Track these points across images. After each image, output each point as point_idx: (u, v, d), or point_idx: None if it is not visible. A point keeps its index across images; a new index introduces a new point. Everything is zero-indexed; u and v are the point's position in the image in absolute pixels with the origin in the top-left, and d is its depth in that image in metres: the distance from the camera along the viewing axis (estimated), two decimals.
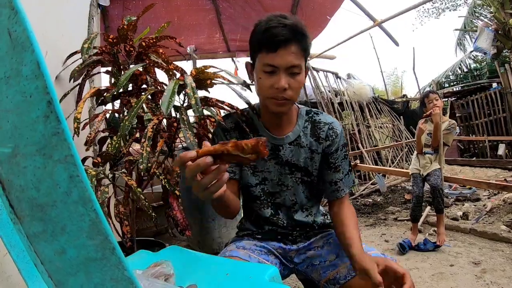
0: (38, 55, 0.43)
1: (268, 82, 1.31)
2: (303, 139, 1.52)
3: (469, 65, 16.10)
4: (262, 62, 1.31)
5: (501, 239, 3.89)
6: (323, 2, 5.30)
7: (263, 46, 1.30)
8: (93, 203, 0.50)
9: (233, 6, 5.51)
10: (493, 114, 10.87)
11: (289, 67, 1.29)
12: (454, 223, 4.49)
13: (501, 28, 10.33)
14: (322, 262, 1.51)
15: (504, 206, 4.82)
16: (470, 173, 8.31)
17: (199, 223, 3.39)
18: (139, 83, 2.15)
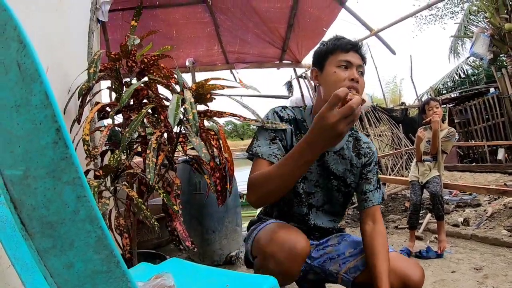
0: (46, 86, 0.48)
1: (343, 74, 1.50)
2: (346, 151, 1.67)
3: (466, 71, 16.16)
4: (336, 59, 1.53)
5: (502, 244, 3.89)
6: (319, 14, 5.36)
7: (337, 48, 1.54)
8: (99, 221, 0.56)
9: (231, 19, 5.57)
10: (492, 119, 10.88)
11: (358, 65, 1.54)
12: (455, 230, 4.50)
13: (497, 33, 10.42)
14: (342, 254, 1.61)
15: (504, 211, 4.81)
16: (471, 178, 8.31)
17: (200, 235, 3.41)
18: (140, 97, 2.20)
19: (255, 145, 1.55)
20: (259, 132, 1.59)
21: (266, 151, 1.51)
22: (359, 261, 1.54)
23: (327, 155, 1.63)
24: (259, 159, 1.51)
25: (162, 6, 5.21)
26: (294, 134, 1.62)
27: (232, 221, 3.50)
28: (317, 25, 5.60)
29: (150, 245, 3.77)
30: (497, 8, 10.42)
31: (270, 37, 5.94)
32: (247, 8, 5.29)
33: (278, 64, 6.71)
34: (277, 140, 1.56)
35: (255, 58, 6.56)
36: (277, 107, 1.68)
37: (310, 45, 6.12)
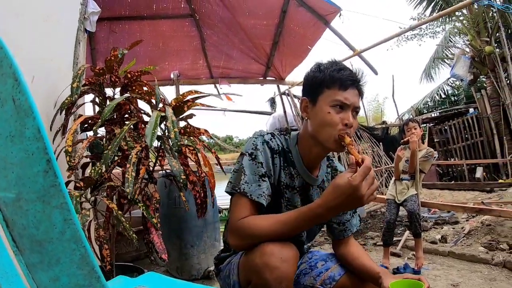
0: (38, 122, 0.54)
1: (337, 117, 1.36)
2: (326, 184, 1.62)
3: (447, 91, 16.56)
4: (332, 97, 1.38)
5: (479, 261, 3.96)
6: (304, 33, 5.46)
7: (336, 82, 1.38)
8: (83, 241, 0.63)
9: (217, 34, 5.64)
10: (471, 139, 11.19)
11: (355, 106, 1.41)
12: (433, 246, 4.56)
13: (477, 56, 10.75)
14: (314, 267, 1.60)
15: (482, 228, 4.87)
16: (449, 196, 8.39)
17: (178, 249, 3.41)
18: (122, 112, 2.24)
19: (243, 182, 1.38)
20: (247, 164, 1.42)
21: (255, 190, 1.37)
22: (333, 271, 1.55)
23: (311, 189, 1.56)
24: (244, 197, 1.36)
25: (150, 18, 5.27)
26: (283, 167, 1.50)
27: (211, 236, 3.52)
28: (302, 43, 5.71)
29: (129, 257, 3.76)
30: (478, 31, 10.77)
31: (255, 54, 6.03)
32: (234, 24, 5.38)
33: (262, 80, 6.80)
34: (266, 177, 1.41)
35: (239, 74, 6.63)
36: (265, 134, 1.51)
37: (294, 62, 6.22)
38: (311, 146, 1.48)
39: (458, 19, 12.09)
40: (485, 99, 10.84)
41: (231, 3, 5.06)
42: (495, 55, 10.21)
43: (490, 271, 3.70)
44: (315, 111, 1.42)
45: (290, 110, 8.28)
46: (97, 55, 5.44)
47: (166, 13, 5.27)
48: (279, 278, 1.22)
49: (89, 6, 3.08)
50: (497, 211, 4.12)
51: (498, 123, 10.50)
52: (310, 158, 1.51)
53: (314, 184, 1.56)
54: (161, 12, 5.24)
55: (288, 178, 1.50)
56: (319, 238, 5.29)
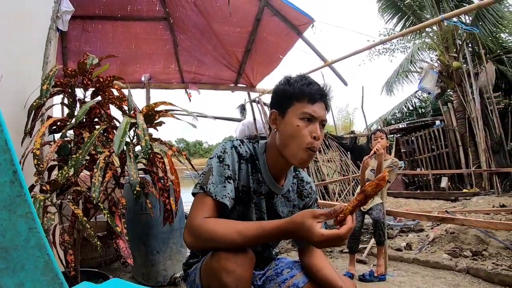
0: (6, 134, 0.56)
1: (306, 130, 1.42)
2: (291, 193, 1.66)
3: (415, 103, 17.03)
4: (301, 110, 1.43)
5: (443, 267, 4.08)
6: (277, 42, 5.52)
7: (305, 96, 1.44)
8: (47, 248, 0.66)
9: (190, 39, 5.63)
10: (436, 150, 11.53)
11: (322, 120, 1.47)
12: (398, 254, 4.66)
13: (445, 70, 11.11)
14: (280, 274, 1.62)
15: (446, 236, 5.00)
16: (415, 205, 8.57)
17: (144, 255, 3.39)
18: (92, 116, 2.22)
19: (210, 182, 1.40)
20: (215, 165, 1.45)
21: (220, 191, 1.39)
22: (298, 279, 1.57)
23: (276, 197, 1.60)
24: (208, 197, 1.38)
25: (123, 19, 5.21)
26: (251, 173, 1.53)
27: (177, 242, 3.50)
28: (274, 52, 5.79)
29: (95, 263, 3.69)
30: (447, 47, 11.14)
31: (227, 60, 6.06)
32: (207, 30, 5.39)
33: (232, 87, 6.84)
34: (231, 180, 1.44)
35: (210, 80, 6.65)
36: (235, 140, 1.55)
37: (266, 70, 6.29)
38: (278, 157, 1.51)
39: (428, 35, 12.45)
40: (451, 112, 11.20)
41: (206, 9, 5.07)
42: (462, 70, 10.57)
43: (454, 277, 3.81)
44: (284, 123, 1.46)
45: (259, 117, 8.31)
46: (69, 53, 5.34)
47: (140, 15, 5.23)
48: (236, 281, 1.25)
49: (62, 5, 3.03)
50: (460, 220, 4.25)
51: (463, 135, 10.83)
52: (276, 167, 1.55)
53: (279, 193, 1.60)
54: (135, 14, 5.20)
55: (256, 184, 1.54)
56: (286, 245, 5.32)
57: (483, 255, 4.29)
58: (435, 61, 12.52)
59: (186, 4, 5.10)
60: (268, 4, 4.97)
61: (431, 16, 11.20)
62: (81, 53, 5.13)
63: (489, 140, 10.20)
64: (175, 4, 5.14)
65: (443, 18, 4.54)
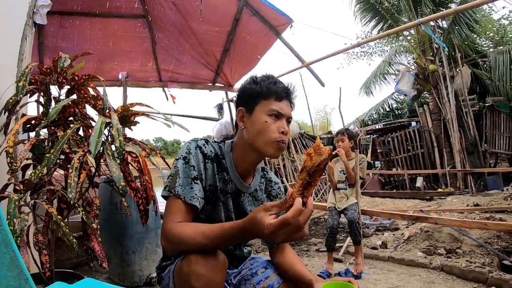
0: None
1: (274, 125, 1.47)
2: (258, 193, 1.68)
3: (391, 105, 17.32)
4: (269, 107, 1.49)
5: (417, 265, 4.16)
6: (255, 42, 5.53)
7: (272, 94, 1.50)
8: (13, 245, 0.68)
9: (168, 38, 5.59)
10: (412, 150, 11.76)
11: (288, 116, 1.53)
12: (373, 252, 4.74)
13: (422, 73, 11.35)
14: (255, 275, 1.63)
15: (420, 234, 5.10)
16: (391, 204, 8.71)
17: (120, 256, 3.35)
18: (67, 114, 2.19)
19: (177, 184, 1.41)
20: (181, 167, 1.46)
21: (188, 192, 1.41)
22: (272, 280, 1.59)
23: (243, 196, 1.62)
24: (178, 200, 1.39)
25: (102, 16, 5.13)
26: (217, 172, 1.55)
27: (153, 242, 3.48)
28: (252, 52, 5.79)
29: (70, 263, 3.64)
30: (424, 50, 11.38)
31: (205, 59, 6.03)
32: (185, 29, 5.36)
33: (210, 86, 6.80)
34: (198, 180, 1.45)
35: (188, 79, 6.60)
36: (199, 140, 1.56)
37: (244, 70, 6.28)
38: (245, 153, 1.55)
39: (406, 39, 12.70)
40: (427, 114, 11.46)
41: (185, 8, 5.04)
42: (438, 73, 10.82)
43: (429, 274, 3.89)
44: (252, 120, 1.51)
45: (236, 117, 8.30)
46: (45, 50, 5.23)
47: (118, 12, 5.15)
48: (206, 285, 1.26)
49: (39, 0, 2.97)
50: (434, 219, 4.34)
51: (438, 136, 11.09)
52: (243, 165, 1.57)
53: (246, 191, 1.62)
54: (113, 11, 5.12)
55: (222, 183, 1.55)
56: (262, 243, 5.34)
57: (457, 253, 4.40)
58: (412, 64, 12.78)
59: (164, 3, 5.06)
60: (247, 4, 4.97)
61: (408, 19, 11.42)
62: (58, 49, 5.09)
63: (463, 141, 10.48)
64: (153, 2, 5.10)
65: (420, 22, 4.63)
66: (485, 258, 4.20)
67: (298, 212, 1.09)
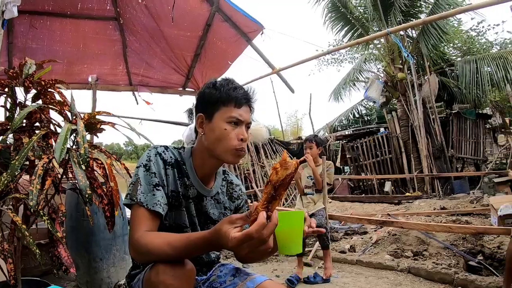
0: None
1: (234, 133, 1.48)
2: (220, 195, 1.69)
3: (361, 111, 17.57)
4: (228, 114, 1.48)
5: (385, 268, 4.23)
6: (226, 48, 5.54)
7: (231, 100, 1.49)
8: None
9: (139, 41, 5.54)
10: (380, 155, 11.96)
11: (248, 122, 1.54)
12: (342, 256, 4.78)
13: (390, 81, 11.59)
14: (223, 283, 1.64)
15: (388, 237, 5.18)
16: (360, 208, 8.77)
17: (87, 263, 3.29)
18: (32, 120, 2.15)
19: (139, 192, 1.41)
20: (142, 174, 1.46)
21: (150, 199, 1.41)
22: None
23: (205, 200, 1.62)
24: (141, 208, 1.39)
25: (73, 17, 5.03)
26: (178, 178, 1.55)
27: (120, 249, 3.43)
28: (223, 58, 5.81)
29: (38, 271, 3.54)
30: (393, 59, 11.60)
31: (176, 64, 5.99)
32: (157, 33, 5.33)
33: (181, 91, 6.76)
34: (160, 187, 1.46)
35: (159, 83, 6.55)
36: (159, 147, 1.57)
37: (214, 75, 6.21)
38: (205, 159, 1.56)
39: (376, 47, 12.89)
40: (395, 120, 11.69)
41: (157, 12, 5.01)
42: (407, 81, 11.06)
43: (396, 276, 3.96)
44: (211, 127, 1.51)
45: None
46: (14, 50, 5.08)
47: (90, 13, 5.07)
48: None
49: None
50: (400, 223, 4.45)
51: (406, 142, 11.31)
52: (204, 170, 1.59)
53: (208, 195, 1.63)
54: (85, 12, 5.02)
55: (184, 188, 1.56)
56: None
57: (423, 255, 4.49)
58: (381, 71, 13.00)
59: (137, 6, 5.01)
60: (219, 10, 4.98)
61: (378, 28, 11.61)
62: (28, 50, 5.00)
63: (430, 147, 10.73)
64: (126, 5, 5.04)
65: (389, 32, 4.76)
66: (451, 259, 4.31)
67: (261, 226, 1.09)
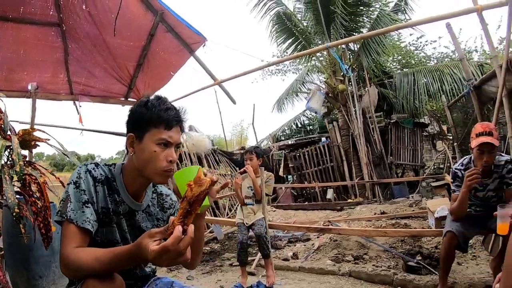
0: None
1: (163, 155, 1.51)
2: (151, 208, 1.72)
3: (303, 121, 18.00)
4: (158, 136, 1.51)
5: (327, 272, 4.37)
6: (169, 59, 5.54)
7: (162, 123, 1.51)
8: None
9: (82, 49, 5.38)
10: (322, 164, 12.34)
11: (178, 143, 1.56)
12: (285, 263, 4.88)
13: (332, 92, 12.03)
14: None
15: (330, 243, 5.36)
16: (304, 216, 8.94)
17: (26, 281, 3.18)
18: None
19: (69, 209, 1.43)
20: (72, 192, 1.47)
21: (80, 217, 1.42)
22: None
23: (137, 214, 1.65)
24: (71, 225, 1.41)
25: (14, 21, 4.79)
26: (108, 195, 1.56)
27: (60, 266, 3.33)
28: (166, 68, 5.79)
29: None
30: (334, 71, 12.04)
31: (118, 73, 5.88)
32: (99, 41, 5.22)
33: (123, 101, 6.61)
34: (89, 204, 1.48)
35: (100, 93, 6.36)
36: (89, 164, 1.58)
37: (157, 86, 6.22)
38: (135, 177, 1.59)
39: (318, 59, 13.31)
40: (337, 130, 12.14)
41: (101, 20, 4.90)
42: (347, 92, 11.57)
43: (338, 281, 4.12)
44: (141, 148, 1.53)
45: None
46: None
47: (32, 18, 4.84)
48: None
49: None
50: (338, 230, 4.66)
51: (347, 151, 11.79)
52: (134, 187, 1.61)
53: (139, 209, 1.66)
54: (27, 16, 4.79)
55: (114, 204, 1.57)
56: None
57: (364, 259, 4.69)
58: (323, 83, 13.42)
59: (80, 12, 4.87)
60: (163, 20, 4.98)
61: (321, 41, 11.98)
62: None
63: (370, 155, 11.31)
64: (69, 11, 4.88)
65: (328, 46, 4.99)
66: (391, 261, 4.53)
67: (177, 239, 1.15)
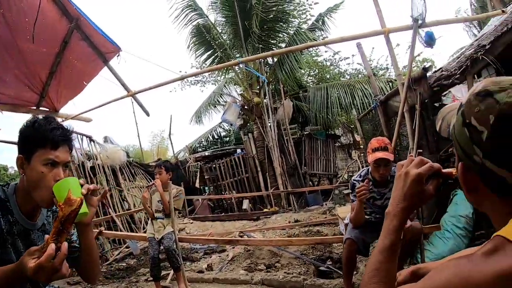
0: None
1: (50, 175, 1.48)
2: (47, 226, 1.69)
3: (220, 133, 18.24)
4: (44, 157, 1.48)
5: (240, 282, 4.48)
6: (82, 68, 5.36)
7: (47, 143, 1.49)
8: None
9: None
10: (238, 175, 12.61)
11: (66, 162, 1.54)
12: (199, 275, 4.95)
13: (247, 104, 12.35)
14: None
15: (243, 253, 5.51)
16: (221, 226, 9.10)
17: None
18: None
19: None
20: None
21: None
22: None
23: (33, 234, 1.63)
24: None
25: None
26: (1, 215, 1.52)
27: None
28: (79, 78, 5.59)
29: None
30: (251, 84, 12.37)
31: (30, 80, 5.52)
32: (11, 45, 4.86)
33: (34, 110, 6.18)
34: None
35: (10, 100, 5.87)
36: None
37: (70, 95, 5.95)
38: (28, 198, 1.56)
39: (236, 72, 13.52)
40: (252, 141, 12.49)
41: (14, 22, 4.56)
42: (263, 105, 11.95)
43: None
44: (30, 169, 1.51)
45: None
46: None
47: None
48: None
49: None
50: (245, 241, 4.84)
51: (262, 162, 12.16)
52: (27, 207, 1.59)
53: (34, 228, 1.63)
54: None
55: (8, 225, 1.53)
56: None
57: (276, 267, 4.89)
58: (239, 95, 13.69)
59: None
60: (78, 27, 4.81)
61: (240, 55, 12.27)
62: None
63: (285, 165, 11.78)
64: None
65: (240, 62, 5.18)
66: (302, 267, 4.77)
67: (50, 256, 1.21)
